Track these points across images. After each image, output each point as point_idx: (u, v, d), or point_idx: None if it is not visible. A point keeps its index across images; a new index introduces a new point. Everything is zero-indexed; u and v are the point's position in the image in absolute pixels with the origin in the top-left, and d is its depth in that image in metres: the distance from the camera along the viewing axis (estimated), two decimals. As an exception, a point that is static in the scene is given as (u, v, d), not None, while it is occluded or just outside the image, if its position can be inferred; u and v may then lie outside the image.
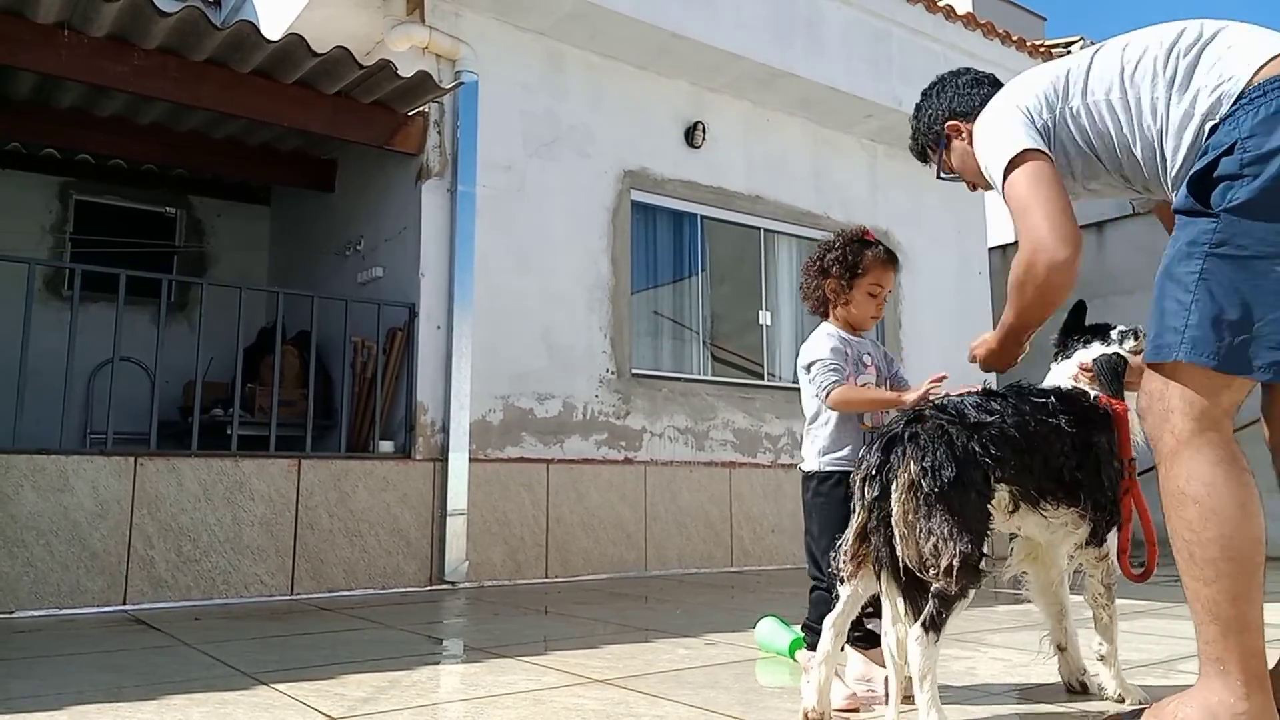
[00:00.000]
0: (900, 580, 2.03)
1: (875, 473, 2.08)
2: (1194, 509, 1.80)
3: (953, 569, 1.93)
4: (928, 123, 2.52)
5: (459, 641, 3.64)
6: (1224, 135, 1.83)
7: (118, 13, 4.50)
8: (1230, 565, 1.77)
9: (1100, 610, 2.42)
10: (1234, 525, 1.77)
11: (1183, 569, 1.84)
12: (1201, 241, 1.81)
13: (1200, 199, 1.83)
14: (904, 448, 2.05)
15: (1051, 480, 2.19)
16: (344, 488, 5.07)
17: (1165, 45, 1.99)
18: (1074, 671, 2.51)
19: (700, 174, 6.78)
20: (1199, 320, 1.79)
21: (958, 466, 2.00)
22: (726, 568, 6.44)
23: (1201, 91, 1.91)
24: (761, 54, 6.58)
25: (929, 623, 1.95)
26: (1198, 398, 1.81)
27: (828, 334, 2.71)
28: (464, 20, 5.77)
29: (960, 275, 8.38)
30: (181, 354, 5.54)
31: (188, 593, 4.56)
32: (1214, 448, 1.80)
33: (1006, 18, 10.50)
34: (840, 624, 2.19)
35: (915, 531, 1.98)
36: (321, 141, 6.39)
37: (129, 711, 2.35)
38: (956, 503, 1.98)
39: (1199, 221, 1.83)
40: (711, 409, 6.62)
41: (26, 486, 4.26)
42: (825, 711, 2.17)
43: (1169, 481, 1.85)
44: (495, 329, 5.68)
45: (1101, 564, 2.38)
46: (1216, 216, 1.80)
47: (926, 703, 1.92)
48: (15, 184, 7.16)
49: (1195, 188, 1.84)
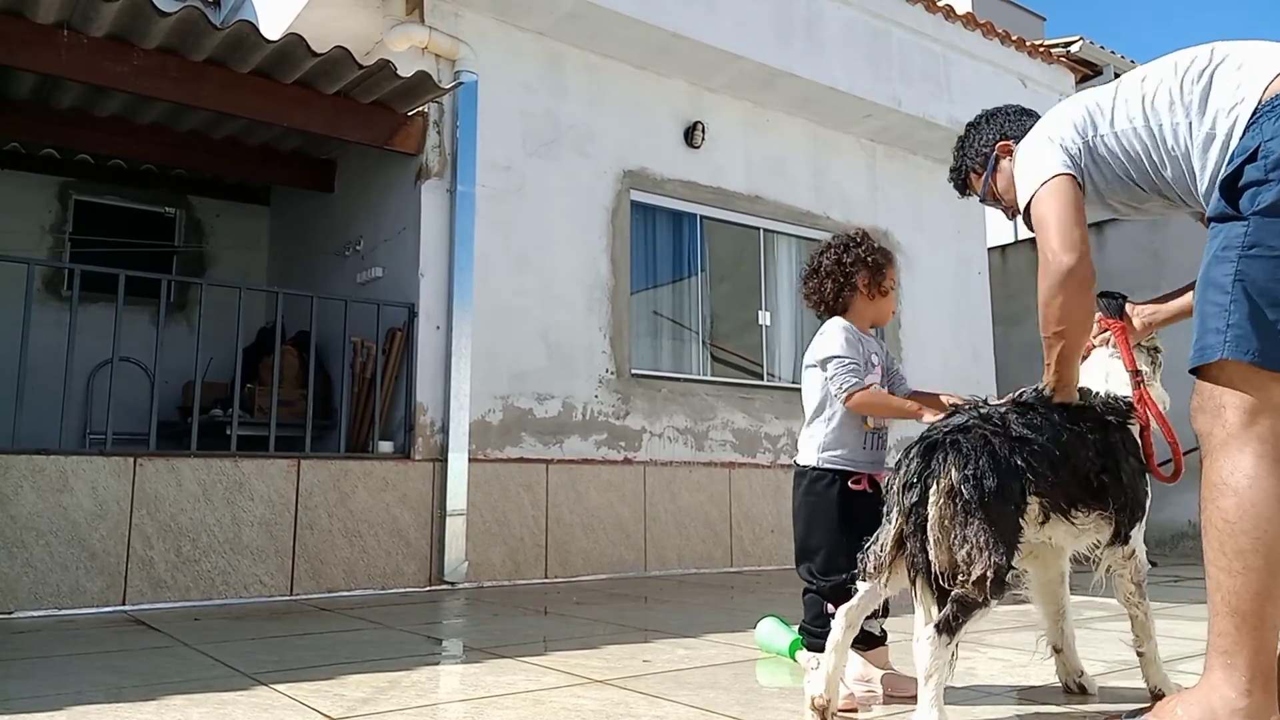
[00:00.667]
0: (934, 587, 2.02)
1: (916, 479, 2.06)
2: (1232, 500, 1.83)
3: (985, 579, 1.93)
4: (978, 147, 2.62)
5: (458, 642, 3.64)
6: (1249, 141, 1.92)
7: (117, 13, 4.50)
8: (1259, 560, 1.79)
9: (1135, 609, 2.40)
10: (1269, 521, 1.80)
11: (1210, 559, 1.87)
12: (1234, 245, 1.89)
13: (1231, 203, 1.91)
14: (946, 454, 2.04)
15: (1080, 488, 2.19)
16: (343, 488, 5.07)
17: (1179, 72, 2.09)
18: (1071, 673, 2.51)
19: (700, 174, 6.78)
20: (1239, 319, 1.86)
21: (999, 478, 2.00)
22: (726, 568, 6.44)
23: (1220, 113, 2.00)
24: (761, 54, 6.58)
25: (944, 625, 1.95)
26: (1247, 393, 1.86)
27: (844, 328, 2.66)
28: (463, 20, 5.77)
29: (959, 275, 8.39)
30: (181, 354, 5.53)
31: (187, 593, 4.55)
32: (1261, 443, 1.84)
33: (1006, 18, 10.51)
34: (854, 616, 2.19)
35: (949, 538, 1.97)
36: (321, 141, 6.39)
37: (128, 712, 2.35)
38: (995, 513, 1.97)
39: (1231, 226, 1.91)
40: (711, 409, 6.62)
41: (26, 487, 4.26)
42: (832, 700, 2.17)
43: (1212, 473, 1.89)
44: (495, 329, 5.68)
45: (1130, 562, 2.37)
46: (1246, 220, 1.88)
47: (929, 702, 1.92)
48: (15, 184, 7.16)
49: (1225, 192, 1.93)
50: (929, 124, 7.58)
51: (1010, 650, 3.22)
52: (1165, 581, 5.75)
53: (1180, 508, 7.58)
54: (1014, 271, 9.78)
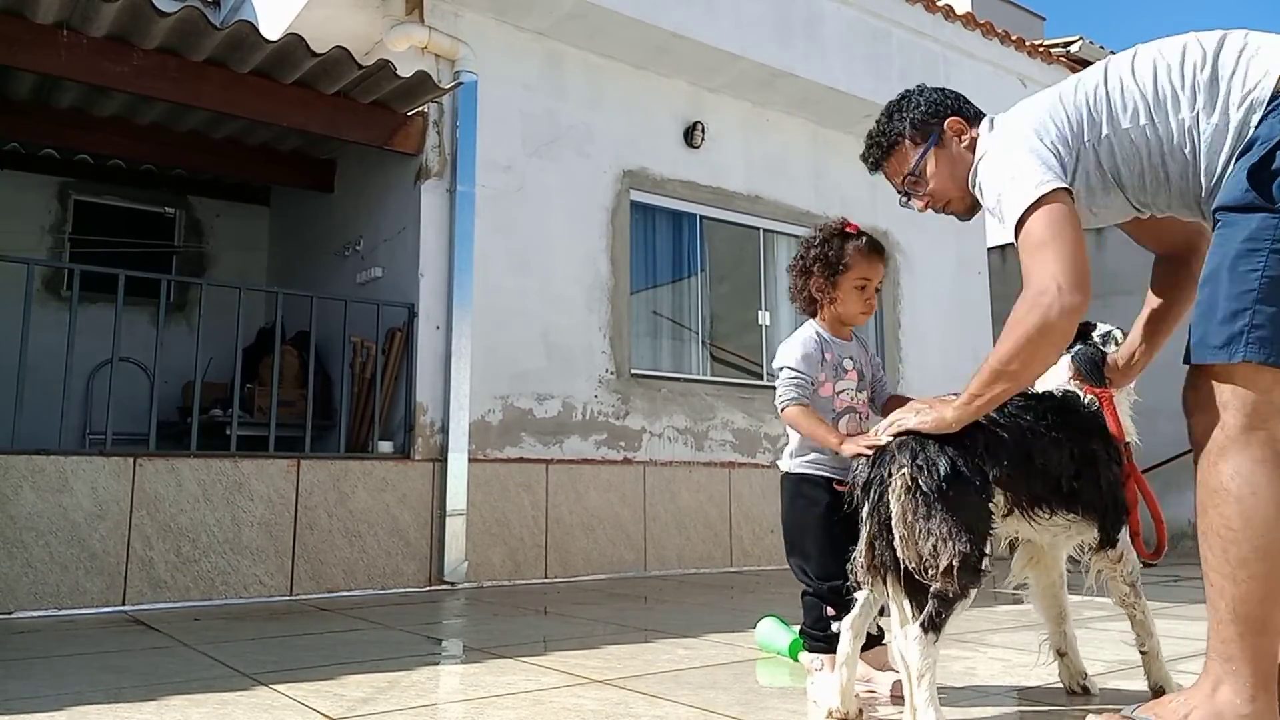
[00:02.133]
0: (904, 584, 2.03)
1: (869, 480, 2.09)
2: (1234, 507, 1.78)
3: (952, 569, 1.92)
4: (922, 114, 2.30)
5: (458, 642, 3.64)
6: (1272, 128, 1.79)
7: (117, 13, 4.50)
8: (1263, 567, 1.75)
9: (1131, 609, 2.39)
10: (1272, 528, 1.75)
11: (1212, 565, 1.82)
12: (1264, 238, 1.76)
13: (1260, 191, 1.78)
14: (893, 454, 2.06)
15: (1047, 488, 2.18)
16: (343, 488, 5.07)
17: (1176, 65, 1.95)
18: (1075, 676, 2.50)
19: (699, 174, 6.78)
20: (1266, 319, 1.75)
21: (951, 460, 2.00)
22: (726, 568, 6.44)
23: (1232, 105, 1.87)
24: (761, 54, 6.58)
25: (928, 623, 1.95)
26: (1253, 395, 1.79)
27: (803, 340, 2.61)
28: (463, 20, 5.77)
29: (959, 275, 8.38)
30: (181, 354, 5.53)
31: (187, 593, 4.55)
32: (1262, 446, 1.78)
33: (1006, 18, 10.51)
34: (858, 626, 2.19)
35: (915, 533, 1.97)
36: (321, 141, 6.39)
37: (128, 712, 2.35)
38: (955, 501, 1.97)
39: (1258, 217, 1.78)
40: (711, 409, 6.62)
41: (26, 487, 4.26)
42: (849, 713, 2.17)
43: (1211, 477, 1.83)
44: (494, 329, 5.68)
45: (1120, 565, 2.36)
46: (1277, 212, 1.76)
47: (924, 702, 1.92)
48: (15, 184, 7.15)
49: (1254, 179, 1.79)
50: (929, 124, 7.56)
51: (1010, 650, 3.22)
52: (1164, 581, 5.75)
53: (1180, 508, 7.48)
54: (1014, 271, 9.72)
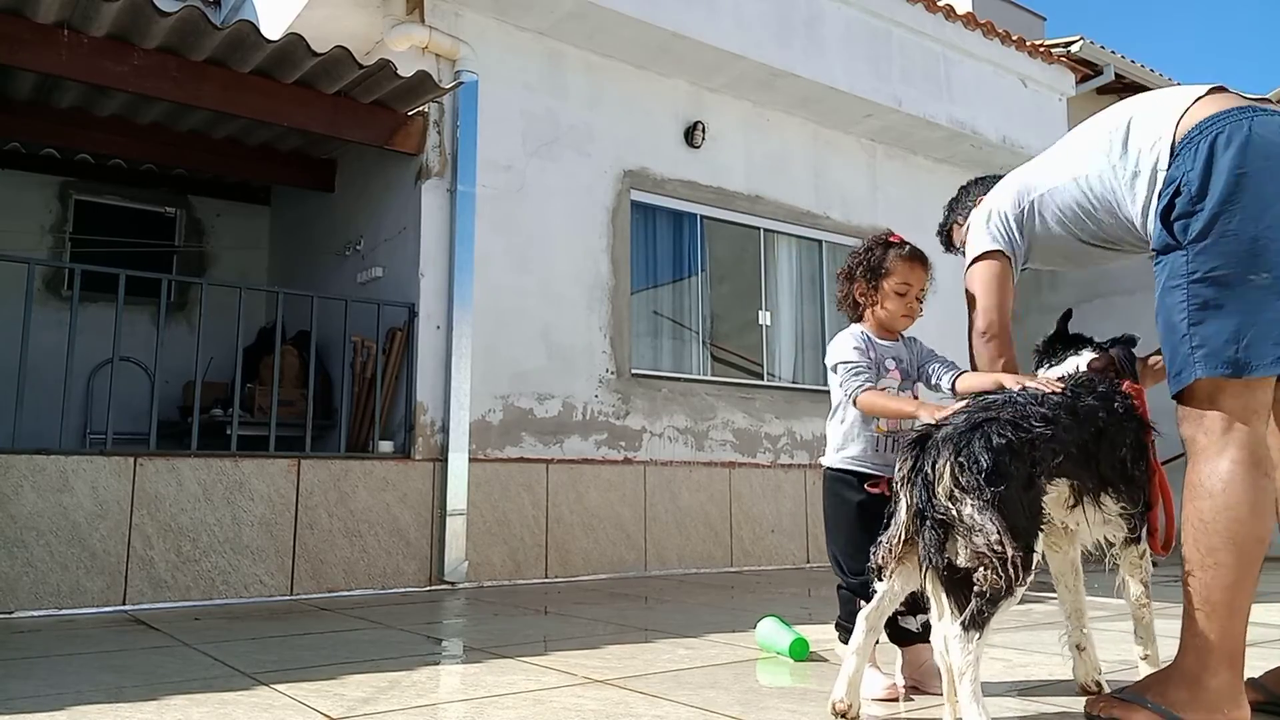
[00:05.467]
0: (944, 578, 2.02)
1: (912, 473, 2.07)
2: (1208, 501, 1.99)
3: (1007, 565, 1.92)
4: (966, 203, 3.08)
5: (459, 641, 3.64)
6: (1175, 172, 2.10)
7: (117, 12, 4.50)
8: (1229, 556, 1.95)
9: (1142, 610, 2.44)
10: (1241, 522, 1.95)
11: (1185, 554, 2.03)
12: (1180, 274, 2.05)
13: (1171, 233, 2.08)
14: (937, 448, 2.04)
15: (1116, 473, 2.22)
16: (344, 488, 5.07)
17: (1101, 125, 2.36)
18: (1091, 671, 2.49)
19: (700, 174, 6.78)
20: (1201, 340, 2.01)
21: (995, 456, 1.97)
22: (726, 568, 6.44)
23: (1142, 151, 2.20)
24: (761, 54, 6.58)
25: (970, 621, 1.94)
26: (1225, 402, 2.01)
27: (851, 335, 2.72)
28: (464, 20, 5.77)
29: (959, 275, 8.34)
30: (181, 354, 5.54)
31: (187, 593, 4.55)
32: (1238, 448, 1.99)
33: (1006, 18, 10.49)
34: (874, 619, 2.18)
35: (971, 533, 1.96)
36: (321, 141, 6.39)
37: (129, 712, 2.35)
38: (1004, 497, 1.95)
39: (1173, 257, 2.08)
40: (711, 409, 6.62)
41: (26, 486, 4.26)
42: (854, 703, 2.16)
43: (1192, 476, 2.03)
44: (495, 329, 5.68)
45: (1143, 561, 2.40)
46: (1185, 249, 2.05)
47: (969, 697, 1.91)
48: (15, 184, 7.16)
49: (1165, 222, 2.10)
50: (929, 124, 7.57)
51: (1010, 650, 3.22)
52: (1165, 581, 5.74)
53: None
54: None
